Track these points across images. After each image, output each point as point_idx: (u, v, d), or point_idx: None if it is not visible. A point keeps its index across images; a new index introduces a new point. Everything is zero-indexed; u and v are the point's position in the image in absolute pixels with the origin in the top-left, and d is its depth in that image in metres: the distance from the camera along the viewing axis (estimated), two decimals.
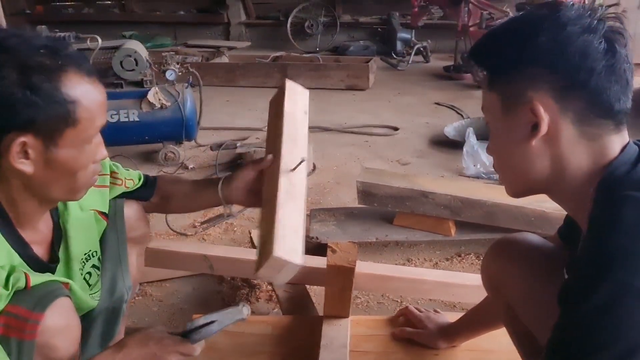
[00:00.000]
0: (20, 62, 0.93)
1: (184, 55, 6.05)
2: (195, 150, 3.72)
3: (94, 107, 1.01)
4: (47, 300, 1.01)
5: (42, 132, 0.95)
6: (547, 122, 0.83)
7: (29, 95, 0.92)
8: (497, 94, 0.89)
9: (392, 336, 1.53)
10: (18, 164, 0.96)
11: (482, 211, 2.29)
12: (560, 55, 0.81)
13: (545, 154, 0.86)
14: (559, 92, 0.82)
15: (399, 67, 6.23)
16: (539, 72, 0.83)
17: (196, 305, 2.07)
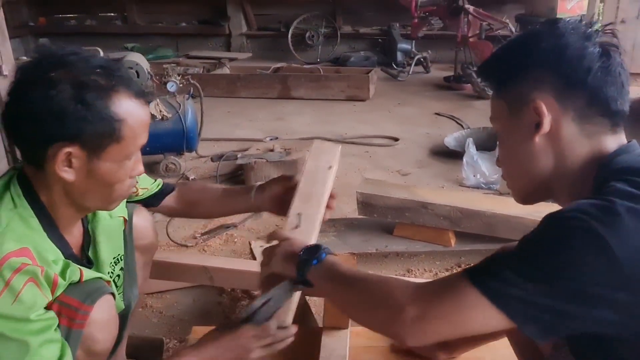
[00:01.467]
0: (76, 78, 0.99)
1: (185, 67, 6.07)
2: (196, 161, 3.73)
3: (138, 126, 1.07)
4: (96, 295, 1.09)
5: (87, 145, 1.01)
6: (550, 119, 0.89)
7: (80, 109, 0.99)
8: (504, 100, 0.96)
9: (391, 348, 1.53)
10: (62, 172, 1.02)
11: (481, 222, 2.29)
12: (559, 58, 0.89)
13: (548, 151, 0.92)
14: (560, 91, 0.89)
15: (399, 78, 6.25)
16: (540, 75, 0.90)
17: (196, 316, 2.07)
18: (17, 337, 0.96)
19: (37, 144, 1.01)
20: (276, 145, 3.42)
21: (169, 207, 1.57)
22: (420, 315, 0.84)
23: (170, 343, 1.89)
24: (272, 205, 1.49)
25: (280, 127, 4.59)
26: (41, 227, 1.07)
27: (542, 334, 0.80)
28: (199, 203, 1.58)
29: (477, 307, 0.81)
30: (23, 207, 1.05)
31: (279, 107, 5.25)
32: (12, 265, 0.96)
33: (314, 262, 1.05)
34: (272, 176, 3.16)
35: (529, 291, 0.78)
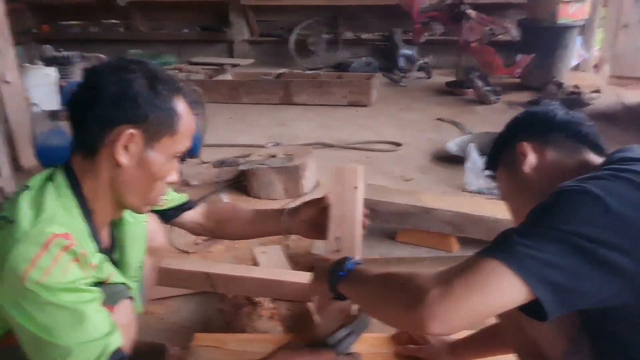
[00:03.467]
0: (149, 71, 1.12)
1: (187, 73, 6.09)
2: (198, 167, 3.72)
3: (189, 128, 1.17)
4: (117, 297, 1.13)
5: (148, 131, 1.10)
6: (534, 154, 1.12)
7: (151, 95, 1.09)
8: (502, 167, 1.21)
9: (395, 354, 1.52)
10: (119, 154, 1.09)
11: (484, 227, 2.29)
12: (532, 117, 1.20)
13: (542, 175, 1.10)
14: (538, 136, 1.13)
15: (401, 83, 6.25)
16: (521, 134, 1.16)
17: (198, 323, 2.07)
18: (70, 306, 0.99)
19: (104, 125, 1.08)
20: (278, 151, 3.42)
21: (197, 223, 1.60)
22: (444, 294, 0.84)
23: (172, 350, 1.88)
24: (303, 229, 1.54)
25: (282, 133, 4.59)
26: (82, 219, 1.12)
27: (554, 301, 0.82)
28: (228, 223, 1.61)
29: (496, 274, 0.83)
30: (67, 197, 1.10)
31: (281, 113, 5.25)
32: (59, 243, 1.01)
33: (340, 273, 1.10)
34: (274, 182, 3.18)
35: (540, 250, 0.82)
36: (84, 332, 0.99)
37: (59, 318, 0.98)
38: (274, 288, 1.93)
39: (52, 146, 3.07)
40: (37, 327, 0.98)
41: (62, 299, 0.99)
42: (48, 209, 1.05)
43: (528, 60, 5.37)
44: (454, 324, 0.84)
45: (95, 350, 1.00)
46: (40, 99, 4.17)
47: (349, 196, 1.52)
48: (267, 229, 1.60)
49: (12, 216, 1.04)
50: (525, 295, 0.82)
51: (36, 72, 4.45)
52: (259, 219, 1.59)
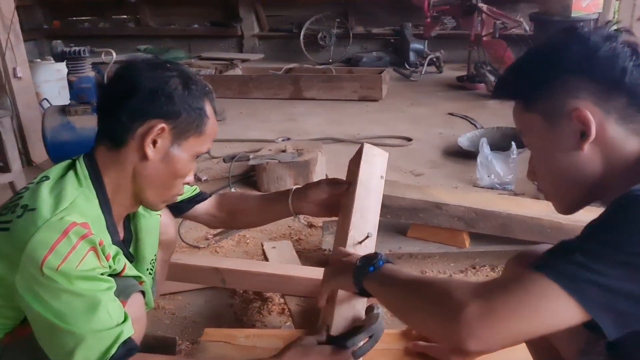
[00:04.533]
0: (184, 73, 1.17)
1: (197, 68, 6.09)
2: (209, 162, 3.73)
3: (213, 130, 1.21)
4: (129, 291, 1.13)
5: (177, 128, 1.13)
6: (594, 124, 0.86)
7: (186, 94, 1.13)
8: (537, 113, 0.92)
9: (405, 351, 1.50)
10: (147, 146, 1.11)
11: (496, 222, 2.26)
12: (591, 62, 0.86)
13: (596, 157, 0.88)
14: (599, 96, 0.86)
15: (411, 78, 6.21)
16: (574, 82, 0.87)
17: (208, 318, 2.06)
18: (86, 293, 1.00)
19: (137, 117, 1.11)
20: (288, 146, 3.41)
21: (210, 215, 1.61)
22: (484, 312, 0.75)
23: (183, 345, 1.89)
24: (313, 209, 1.53)
25: (292, 128, 4.58)
26: (101, 210, 1.13)
27: (616, 326, 0.74)
28: (239, 212, 1.62)
29: (549, 295, 0.74)
30: (87, 187, 1.12)
31: (291, 108, 5.24)
32: (78, 232, 1.02)
33: (370, 269, 1.03)
34: (284, 177, 3.17)
35: (604, 275, 0.73)
36: (97, 321, 1.00)
37: (74, 305, 0.99)
38: (284, 283, 1.93)
39: (62, 141, 3.07)
40: (52, 313, 0.99)
41: (78, 287, 1.00)
42: (68, 198, 1.06)
43: None
44: (494, 343, 0.76)
45: (108, 339, 1.00)
46: (50, 94, 4.19)
47: (375, 186, 1.44)
48: (276, 214, 1.60)
49: (33, 204, 1.05)
50: (581, 319, 0.75)
51: (47, 68, 4.48)
52: (266, 205, 1.59)
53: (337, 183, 1.52)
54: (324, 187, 1.51)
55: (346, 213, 1.40)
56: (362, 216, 1.38)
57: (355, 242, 1.34)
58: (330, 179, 1.54)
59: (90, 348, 0.98)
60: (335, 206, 1.48)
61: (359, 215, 1.38)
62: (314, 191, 1.51)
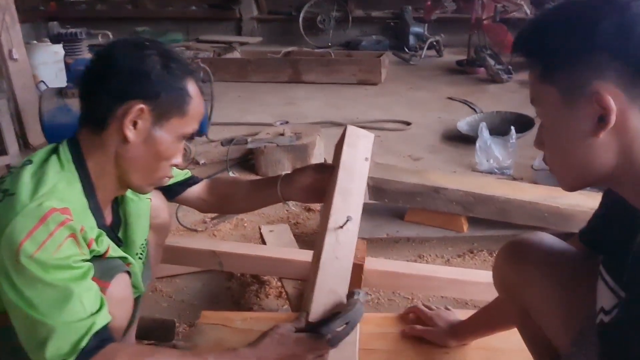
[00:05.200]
0: (164, 51, 1.13)
1: (195, 51, 6.05)
2: (207, 145, 3.71)
3: (199, 111, 1.18)
4: (113, 272, 1.12)
5: (158, 108, 1.10)
6: (615, 111, 0.76)
7: (163, 74, 1.10)
8: (554, 86, 0.81)
9: (402, 334, 1.51)
10: (127, 129, 1.08)
11: (494, 207, 2.26)
12: (626, 40, 0.74)
13: (611, 146, 0.79)
14: (627, 79, 0.75)
15: (411, 62, 6.18)
16: (603, 60, 0.76)
17: (206, 301, 2.07)
18: (60, 284, 0.99)
19: (116, 98, 1.08)
20: (286, 130, 3.39)
21: (202, 199, 1.59)
22: None
23: (180, 327, 1.89)
24: (301, 195, 1.52)
25: (290, 112, 4.56)
26: (83, 194, 1.11)
27: None
28: (230, 197, 1.60)
29: None
30: (70, 171, 1.10)
31: (289, 92, 5.21)
32: (56, 219, 1.00)
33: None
34: (282, 161, 3.16)
35: None
36: (69, 312, 0.98)
37: (47, 296, 0.98)
38: (281, 266, 1.92)
39: (59, 123, 3.05)
40: (25, 302, 0.97)
41: (53, 277, 0.98)
42: (48, 183, 1.04)
43: None
44: None
45: (79, 331, 0.98)
46: (47, 76, 4.16)
47: (359, 168, 1.44)
48: (266, 199, 1.59)
49: (13, 189, 1.03)
50: None
51: (43, 50, 4.44)
52: (256, 190, 1.58)
53: (323, 168, 1.52)
54: (309, 172, 1.51)
55: (328, 197, 1.40)
56: (344, 199, 1.37)
57: (337, 226, 1.33)
58: (317, 164, 1.54)
59: (62, 339, 0.97)
60: (322, 191, 1.48)
61: (341, 198, 1.37)
62: (300, 176, 1.51)
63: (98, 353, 0.99)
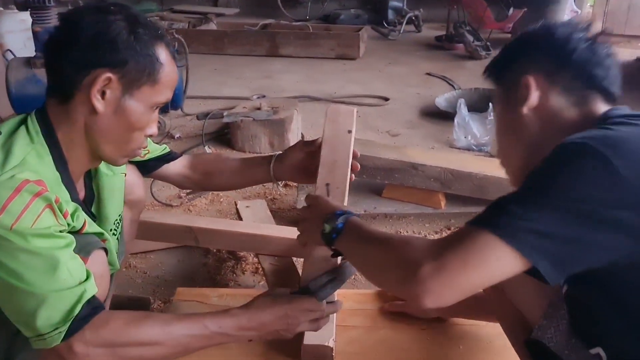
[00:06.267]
0: (131, 15, 1.07)
1: (169, 21, 5.90)
2: (182, 119, 3.64)
3: (171, 79, 1.12)
4: (90, 248, 1.08)
5: (126, 77, 1.05)
6: (538, 92, 0.98)
7: (130, 40, 1.04)
8: (501, 86, 1.07)
9: (381, 310, 1.50)
10: (94, 99, 1.03)
11: (472, 184, 2.26)
12: (549, 40, 1.00)
13: (537, 121, 0.99)
14: (548, 69, 0.98)
15: (390, 37, 6.13)
16: (532, 56, 1.01)
17: (181, 277, 2.04)
18: (44, 252, 0.95)
19: (80, 68, 1.03)
20: (263, 104, 3.34)
21: (183, 175, 1.55)
22: (436, 269, 0.81)
23: (155, 304, 1.86)
24: (292, 174, 1.50)
25: (268, 85, 4.50)
26: (55, 167, 1.07)
27: (555, 270, 0.78)
28: (214, 174, 1.56)
29: (491, 248, 0.79)
30: (40, 143, 1.05)
31: (267, 65, 5.13)
32: (31, 189, 0.97)
33: (333, 236, 1.07)
34: (259, 135, 3.12)
35: (538, 221, 0.78)
36: (58, 280, 0.95)
37: (33, 265, 0.94)
38: (257, 243, 1.90)
39: (28, 95, 2.96)
40: (9, 274, 0.94)
41: (35, 245, 0.95)
42: (18, 156, 1.00)
43: (519, 14, 5.27)
44: (449, 298, 0.82)
45: (71, 298, 0.96)
46: (14, 45, 4.02)
47: (342, 140, 1.45)
48: (256, 178, 1.56)
49: None
50: (523, 266, 0.79)
51: (10, 18, 4.27)
52: (246, 168, 1.55)
53: (312, 143, 1.49)
54: (299, 148, 1.49)
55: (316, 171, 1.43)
56: (329, 171, 1.39)
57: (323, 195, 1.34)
58: (306, 141, 1.52)
59: (53, 308, 0.95)
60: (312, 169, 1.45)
61: (325, 171, 1.39)
62: (291, 154, 1.49)
63: (91, 320, 0.97)
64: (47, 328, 0.94)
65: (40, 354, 1.00)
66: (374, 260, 0.97)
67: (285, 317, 1.14)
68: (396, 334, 1.42)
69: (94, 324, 0.97)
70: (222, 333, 1.09)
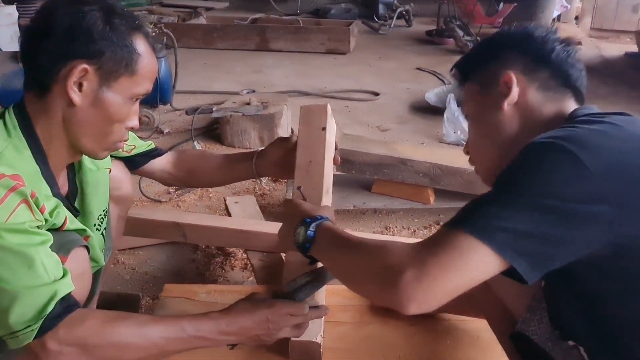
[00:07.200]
0: (106, 6, 1.06)
1: (159, 15, 5.86)
2: (171, 114, 3.62)
3: (150, 69, 1.11)
4: (70, 246, 1.07)
5: (103, 68, 1.04)
6: (517, 89, 1.00)
7: (106, 30, 1.03)
8: (476, 82, 1.07)
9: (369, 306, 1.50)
10: (71, 91, 1.02)
11: (461, 179, 2.27)
12: (527, 39, 1.04)
13: (516, 118, 1.01)
14: (527, 66, 1.01)
15: (380, 31, 6.12)
16: (510, 55, 1.03)
17: (170, 273, 2.03)
18: (17, 249, 0.94)
19: (56, 59, 1.02)
20: (253, 99, 3.33)
21: (167, 172, 1.55)
22: (417, 275, 0.80)
23: (143, 300, 1.85)
24: (274, 170, 1.50)
25: (257, 80, 4.48)
26: (34, 161, 1.06)
27: (532, 269, 0.78)
28: (198, 171, 1.55)
29: (470, 249, 0.79)
30: (18, 138, 1.04)
31: (256, 60, 5.11)
32: (6, 184, 0.95)
33: (307, 246, 1.06)
34: (249, 130, 3.11)
35: (513, 220, 0.78)
36: (32, 277, 0.94)
37: (6, 261, 0.93)
38: (246, 239, 1.90)
39: (15, 89, 2.92)
40: None
41: (9, 241, 0.93)
42: None
43: (509, 9, 5.28)
44: (432, 303, 0.81)
45: (44, 296, 0.94)
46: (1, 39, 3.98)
47: (316, 139, 1.41)
48: (239, 174, 1.56)
49: None
50: (501, 266, 0.79)
51: None
52: (229, 165, 1.55)
53: (287, 139, 1.49)
54: (278, 144, 1.48)
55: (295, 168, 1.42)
56: (306, 172, 1.37)
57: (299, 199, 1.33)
58: (283, 137, 1.51)
59: (26, 305, 0.93)
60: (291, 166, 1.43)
61: (302, 172, 1.37)
62: (271, 150, 1.48)
63: (65, 318, 0.96)
64: (20, 325, 0.92)
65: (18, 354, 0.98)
66: (352, 269, 0.95)
67: (265, 322, 1.12)
68: (384, 330, 1.42)
69: (68, 322, 0.96)
70: (199, 337, 1.06)
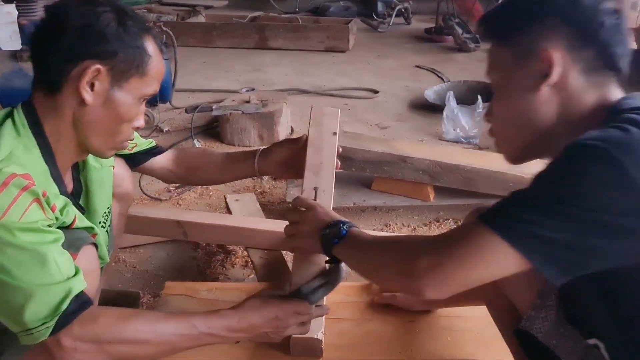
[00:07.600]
0: (119, 7, 1.08)
1: (158, 14, 5.85)
2: (171, 112, 3.62)
3: (159, 71, 1.13)
4: (79, 243, 1.08)
5: (115, 68, 1.05)
6: (560, 69, 0.86)
7: (119, 31, 1.05)
8: (508, 49, 0.92)
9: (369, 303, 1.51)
10: (83, 90, 1.03)
11: (461, 176, 2.27)
12: (575, 9, 0.87)
13: (552, 102, 0.89)
14: (571, 42, 0.86)
15: (379, 29, 6.12)
16: (553, 24, 0.87)
17: (171, 271, 2.04)
18: (31, 247, 0.95)
19: (68, 59, 1.03)
20: (252, 97, 3.33)
21: (167, 170, 1.56)
22: (435, 262, 0.82)
23: (144, 298, 1.86)
24: (277, 170, 1.52)
25: (257, 78, 4.48)
26: (43, 160, 1.07)
27: (560, 274, 0.77)
28: (199, 169, 1.57)
29: (493, 249, 0.78)
30: (27, 136, 1.05)
31: (256, 58, 5.11)
32: (18, 183, 0.96)
33: (335, 241, 1.09)
34: (248, 128, 3.11)
35: (547, 228, 0.75)
36: (46, 274, 0.95)
37: (20, 260, 0.94)
38: (247, 236, 1.90)
39: (14, 88, 2.93)
40: None
41: (22, 240, 0.94)
42: (4, 148, 0.99)
43: None
44: (448, 291, 0.83)
45: (58, 294, 0.95)
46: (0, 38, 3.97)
47: (328, 142, 1.46)
48: (240, 172, 1.57)
49: None
50: (525, 268, 0.78)
51: None
52: (231, 163, 1.56)
53: (298, 140, 1.52)
54: (284, 144, 1.51)
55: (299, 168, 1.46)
56: (315, 173, 1.41)
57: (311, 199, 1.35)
58: (291, 138, 1.54)
59: (41, 303, 0.94)
60: (296, 166, 1.48)
61: (312, 173, 1.41)
62: (276, 150, 1.50)
63: (79, 315, 0.97)
64: (35, 323, 0.93)
65: (28, 351, 0.99)
66: (374, 258, 0.98)
67: (275, 319, 1.14)
68: (385, 326, 1.43)
69: (83, 319, 0.97)
70: (210, 333, 1.08)
